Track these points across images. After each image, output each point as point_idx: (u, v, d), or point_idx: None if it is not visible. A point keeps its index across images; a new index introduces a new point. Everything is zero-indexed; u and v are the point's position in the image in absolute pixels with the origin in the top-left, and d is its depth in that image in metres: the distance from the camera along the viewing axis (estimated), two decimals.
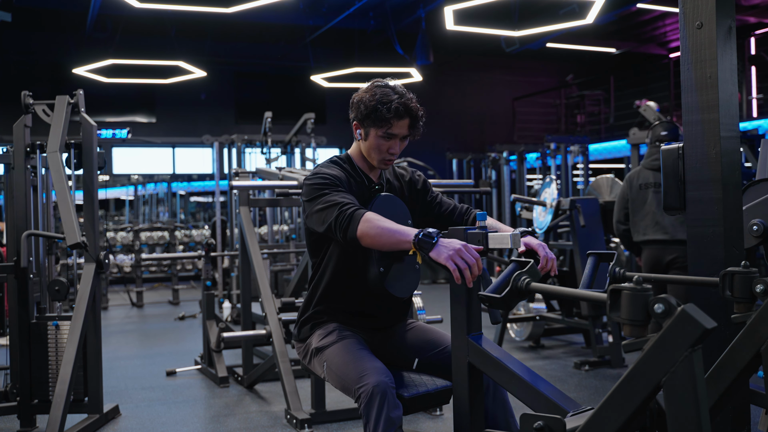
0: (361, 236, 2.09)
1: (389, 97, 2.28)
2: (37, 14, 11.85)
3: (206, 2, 8.43)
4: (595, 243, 4.92)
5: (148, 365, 5.29)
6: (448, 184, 6.06)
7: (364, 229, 2.08)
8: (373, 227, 2.07)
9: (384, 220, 2.09)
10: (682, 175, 2.23)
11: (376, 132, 2.30)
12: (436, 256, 1.96)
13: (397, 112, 2.26)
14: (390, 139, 2.31)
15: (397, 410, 2.05)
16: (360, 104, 2.32)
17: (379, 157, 2.34)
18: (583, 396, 4.18)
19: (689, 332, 1.29)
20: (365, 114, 2.30)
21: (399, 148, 2.34)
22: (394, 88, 2.32)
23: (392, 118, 2.27)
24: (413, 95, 2.35)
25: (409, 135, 2.35)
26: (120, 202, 14.55)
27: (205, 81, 12.03)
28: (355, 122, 2.37)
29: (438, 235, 1.99)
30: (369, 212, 2.13)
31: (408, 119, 2.30)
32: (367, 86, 2.36)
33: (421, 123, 2.35)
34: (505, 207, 9.99)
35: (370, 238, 2.08)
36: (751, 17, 11.75)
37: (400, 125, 2.29)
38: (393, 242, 2.05)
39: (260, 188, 5.04)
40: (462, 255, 1.93)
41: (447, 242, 1.97)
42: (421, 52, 11.76)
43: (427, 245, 1.97)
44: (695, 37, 2.14)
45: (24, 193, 3.72)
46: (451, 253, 1.93)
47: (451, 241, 1.98)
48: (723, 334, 2.07)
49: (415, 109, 2.31)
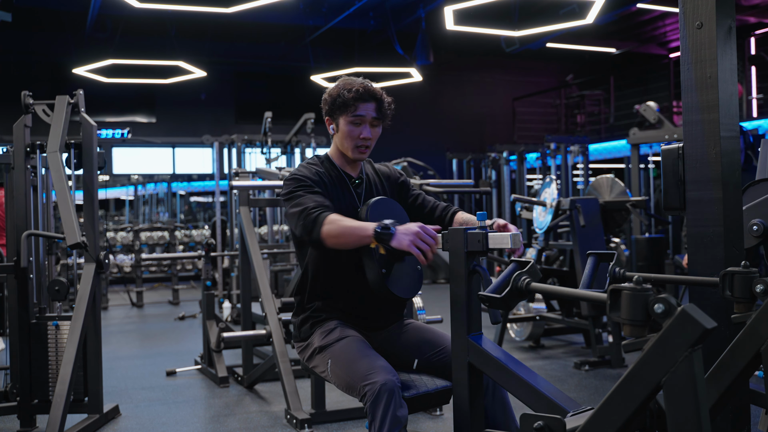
0: (325, 237, 2.18)
1: (351, 83, 2.39)
2: (37, 14, 11.85)
3: (206, 2, 8.43)
4: (595, 243, 4.92)
5: (148, 365, 5.29)
6: (448, 184, 6.06)
7: (327, 231, 2.17)
8: (334, 228, 2.16)
9: (345, 220, 2.19)
10: (682, 175, 2.23)
11: (345, 119, 2.38)
12: (398, 245, 2.08)
13: (358, 93, 2.35)
14: (359, 125, 2.38)
15: (403, 409, 2.06)
16: (327, 97, 2.43)
17: (352, 143, 2.39)
18: (583, 396, 4.18)
19: (689, 332, 1.29)
20: (331, 104, 2.40)
21: (372, 134, 2.40)
22: (357, 78, 2.43)
23: (355, 100, 2.35)
24: (377, 85, 2.43)
25: (379, 119, 2.40)
26: (120, 202, 14.55)
27: (205, 81, 12.03)
28: (327, 117, 2.45)
29: (394, 225, 2.10)
30: (332, 214, 2.21)
31: (374, 103, 2.38)
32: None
33: (388, 107, 2.42)
34: (505, 207, 9.98)
35: (334, 238, 2.17)
36: (751, 17, 11.75)
37: (365, 107, 2.37)
38: (355, 239, 2.15)
39: (260, 188, 5.04)
40: (421, 237, 2.07)
41: (404, 229, 2.09)
42: (421, 52, 11.77)
43: (387, 236, 2.09)
44: (695, 37, 2.14)
45: (24, 193, 3.72)
46: (411, 238, 2.06)
47: (408, 227, 2.10)
48: (723, 334, 2.07)
49: (379, 93, 2.40)
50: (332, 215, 2.20)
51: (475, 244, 2.02)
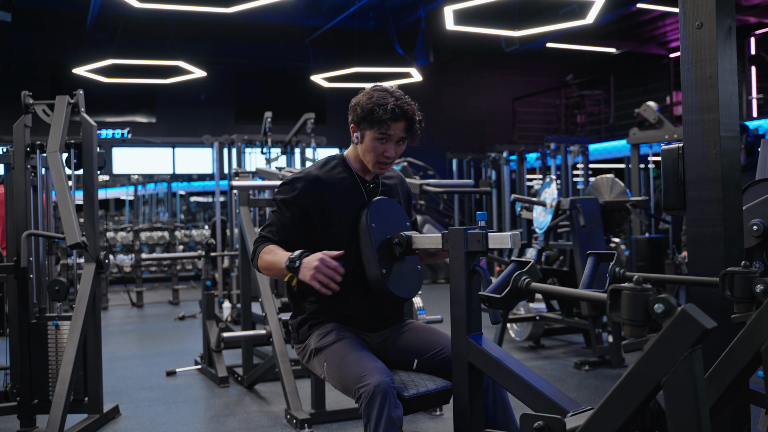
0: (260, 269, 2.33)
1: (386, 99, 2.31)
2: (37, 14, 11.85)
3: (206, 2, 8.43)
4: (595, 243, 4.92)
5: (148, 365, 5.29)
6: (448, 184, 6.07)
7: (260, 264, 2.31)
8: (263, 262, 2.29)
9: (271, 253, 2.27)
10: (682, 175, 2.23)
11: (372, 134, 2.32)
12: (303, 278, 2.16)
13: (393, 113, 2.28)
14: (386, 142, 2.33)
15: (398, 410, 2.05)
16: (357, 107, 2.35)
17: (375, 159, 2.35)
18: (583, 396, 4.18)
19: (689, 332, 1.29)
20: (362, 116, 2.32)
21: (395, 152, 2.36)
22: (392, 92, 2.35)
23: (388, 119, 2.29)
24: (411, 100, 2.37)
25: (406, 138, 2.36)
26: (120, 202, 14.55)
27: (205, 81, 12.03)
28: (353, 125, 2.39)
29: (300, 258, 2.17)
30: (269, 245, 2.30)
31: (404, 122, 2.32)
32: (366, 90, 2.40)
33: (419, 127, 2.37)
34: (505, 207, 9.98)
35: (265, 270, 2.32)
36: (751, 17, 11.75)
37: (396, 127, 2.31)
38: (277, 272, 2.26)
39: (260, 188, 5.04)
40: (321, 270, 2.13)
41: (307, 262, 2.16)
42: (421, 52, 11.77)
43: (294, 270, 2.17)
44: (695, 37, 2.14)
45: (24, 193, 3.72)
46: (312, 272, 2.13)
47: (309, 260, 2.15)
48: (723, 334, 2.07)
49: (412, 112, 2.33)
50: (268, 247, 2.29)
51: (475, 244, 2.02)
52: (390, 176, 2.57)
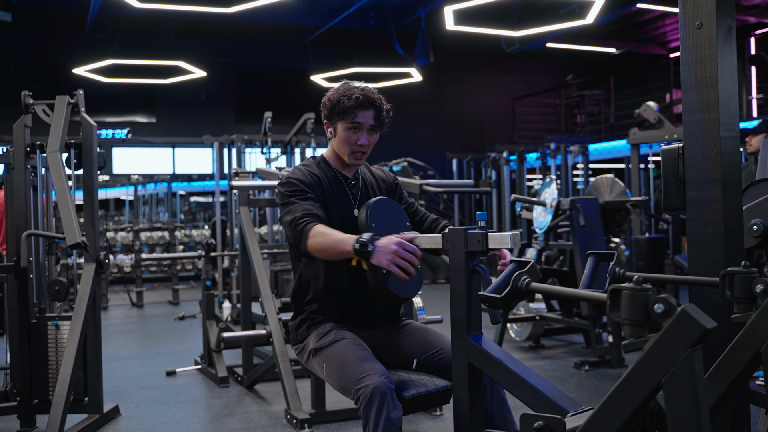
0: (311, 251, 2.19)
1: (351, 90, 2.38)
2: (37, 14, 11.85)
3: (206, 2, 8.43)
4: (595, 243, 4.92)
5: (148, 365, 5.29)
6: (448, 184, 6.06)
7: (312, 244, 2.18)
8: (318, 242, 2.16)
9: (329, 233, 2.17)
10: (682, 175, 2.23)
11: (344, 125, 2.38)
12: (377, 263, 2.07)
13: (358, 101, 2.35)
14: (357, 131, 2.38)
15: (397, 411, 2.05)
16: (326, 101, 2.43)
17: (349, 149, 2.40)
18: (583, 396, 4.18)
19: (689, 332, 1.29)
20: (330, 108, 2.40)
21: (368, 140, 2.41)
22: (358, 85, 2.42)
23: (354, 107, 2.35)
24: (377, 90, 2.43)
25: (377, 126, 2.41)
26: (120, 202, 14.55)
27: (205, 81, 12.03)
28: (325, 121, 2.46)
29: (373, 241, 2.08)
30: (318, 225, 2.19)
31: (372, 110, 2.38)
32: (334, 87, 2.46)
33: (387, 114, 2.43)
34: (505, 207, 9.99)
35: (319, 252, 2.19)
36: (751, 17, 11.75)
37: (363, 115, 2.37)
38: (337, 253, 2.15)
39: (260, 188, 5.04)
40: (401, 255, 2.05)
41: (383, 245, 2.07)
42: (421, 52, 11.77)
43: (366, 254, 2.08)
44: (695, 37, 2.14)
45: (24, 193, 3.72)
46: (390, 257, 2.05)
47: (386, 242, 2.08)
48: (723, 334, 2.07)
49: (378, 100, 2.40)
50: (318, 227, 2.19)
51: (475, 244, 2.02)
52: (371, 172, 2.59)
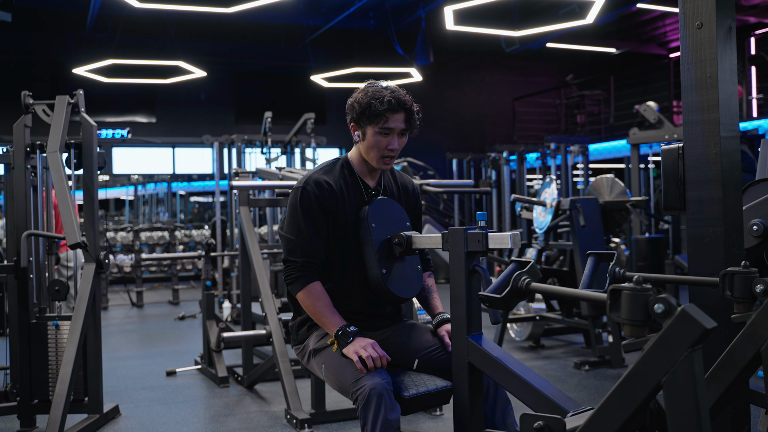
0: (299, 300, 2.33)
1: (381, 93, 2.32)
2: (37, 14, 11.85)
3: (206, 2, 8.43)
4: (595, 243, 4.92)
5: (148, 365, 5.29)
6: (448, 184, 6.06)
7: (302, 299, 2.32)
8: (309, 304, 2.30)
9: (320, 302, 2.29)
10: (682, 175, 2.23)
11: (373, 129, 2.32)
12: (346, 352, 2.20)
13: (390, 104, 2.29)
14: (387, 135, 2.32)
15: (394, 412, 2.05)
16: (354, 104, 2.36)
17: (378, 155, 2.34)
18: (583, 396, 4.18)
19: (689, 332, 1.29)
20: (360, 112, 2.33)
21: (398, 144, 2.35)
22: (387, 86, 2.37)
23: (386, 111, 2.29)
24: (406, 91, 2.39)
25: (407, 129, 2.36)
26: (120, 202, 14.54)
27: (205, 81, 12.03)
28: (353, 124, 2.38)
29: (354, 336, 2.22)
30: (314, 284, 2.30)
31: (403, 113, 2.33)
32: (360, 88, 2.40)
33: (417, 117, 2.39)
34: (505, 207, 9.98)
35: (305, 309, 2.34)
36: (751, 17, 11.75)
37: (395, 119, 2.32)
38: (319, 322, 2.31)
39: (260, 188, 5.03)
40: (368, 350, 2.17)
41: (360, 341, 2.20)
42: (421, 52, 11.77)
43: (343, 342, 2.22)
44: (695, 37, 2.14)
45: (24, 193, 3.72)
46: (357, 348, 2.18)
47: (362, 341, 2.20)
48: (723, 334, 2.07)
49: (409, 102, 2.35)
50: (314, 287, 2.29)
51: (475, 244, 2.02)
52: (395, 180, 2.54)
